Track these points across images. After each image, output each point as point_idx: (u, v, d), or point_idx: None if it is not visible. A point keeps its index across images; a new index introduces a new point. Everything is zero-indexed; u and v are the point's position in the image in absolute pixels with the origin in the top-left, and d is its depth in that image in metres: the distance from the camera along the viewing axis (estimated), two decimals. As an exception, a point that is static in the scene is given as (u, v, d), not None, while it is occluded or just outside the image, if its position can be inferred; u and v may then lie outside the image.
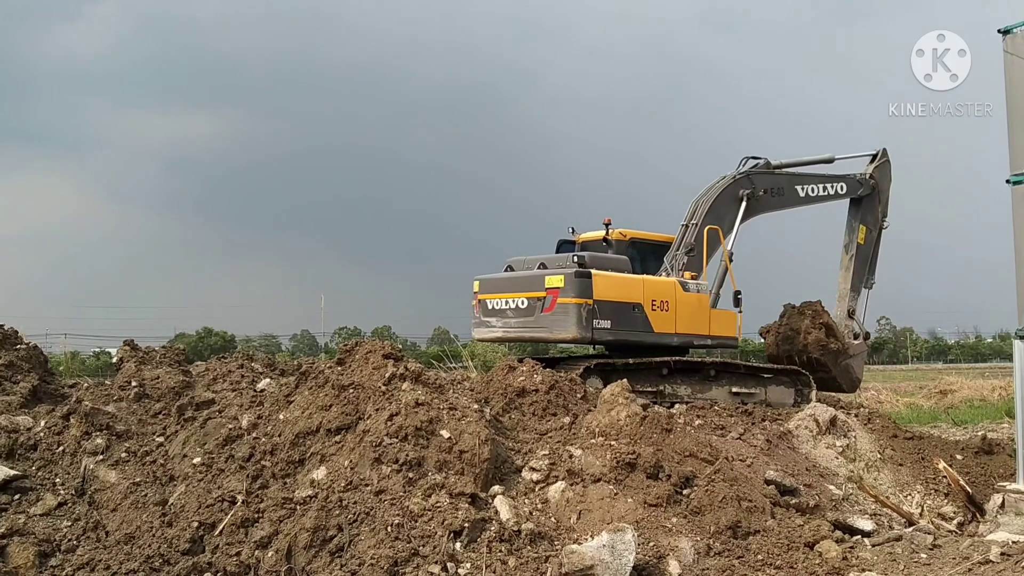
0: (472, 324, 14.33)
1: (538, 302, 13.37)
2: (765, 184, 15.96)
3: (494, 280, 14.18)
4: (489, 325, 14.03)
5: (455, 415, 7.99)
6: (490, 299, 13.99)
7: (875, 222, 17.16)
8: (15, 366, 10.58)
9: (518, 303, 13.60)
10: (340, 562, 6.68)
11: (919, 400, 27.37)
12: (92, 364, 41.85)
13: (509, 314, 13.75)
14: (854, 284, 17.06)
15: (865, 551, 7.88)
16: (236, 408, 8.99)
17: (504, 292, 13.86)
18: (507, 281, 14.01)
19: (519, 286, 13.74)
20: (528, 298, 13.46)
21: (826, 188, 16.66)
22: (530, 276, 13.72)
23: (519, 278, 13.92)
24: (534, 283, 13.51)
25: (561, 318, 13.18)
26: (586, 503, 7.65)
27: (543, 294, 13.30)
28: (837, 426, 12.59)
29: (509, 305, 13.73)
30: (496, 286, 14.04)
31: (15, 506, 7.92)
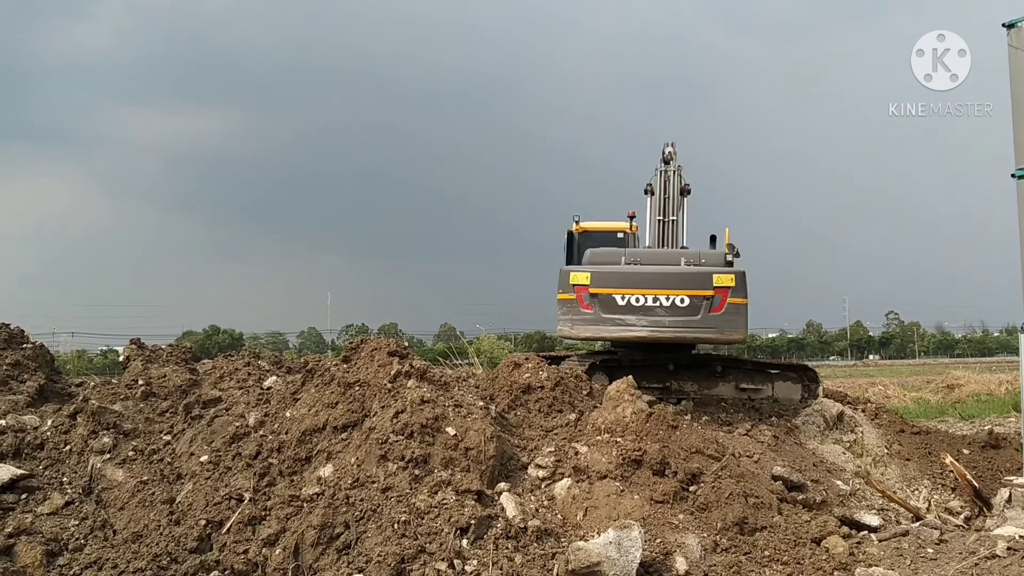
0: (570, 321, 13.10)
1: (705, 301, 12.79)
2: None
3: (624, 274, 13.25)
4: (623, 323, 12.98)
5: (461, 412, 7.99)
6: (621, 294, 12.98)
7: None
8: (21, 365, 10.61)
9: (675, 301, 12.87)
10: (347, 559, 6.69)
11: (926, 395, 27.29)
12: (99, 363, 42.00)
13: (660, 312, 12.91)
14: None
15: (872, 546, 7.86)
16: (243, 406, 9.00)
17: (649, 288, 13.00)
18: (649, 277, 13.16)
19: (677, 283, 12.98)
20: (691, 296, 12.79)
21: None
22: (695, 273, 13.09)
23: (677, 274, 13.14)
24: (699, 280, 12.90)
25: (732, 319, 12.76)
26: (592, 500, 7.65)
27: (711, 293, 12.75)
28: (844, 421, 12.60)
29: (661, 303, 12.92)
30: (631, 281, 13.11)
31: (22, 505, 7.94)
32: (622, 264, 13.38)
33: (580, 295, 13.06)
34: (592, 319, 12.96)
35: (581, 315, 12.97)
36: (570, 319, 12.89)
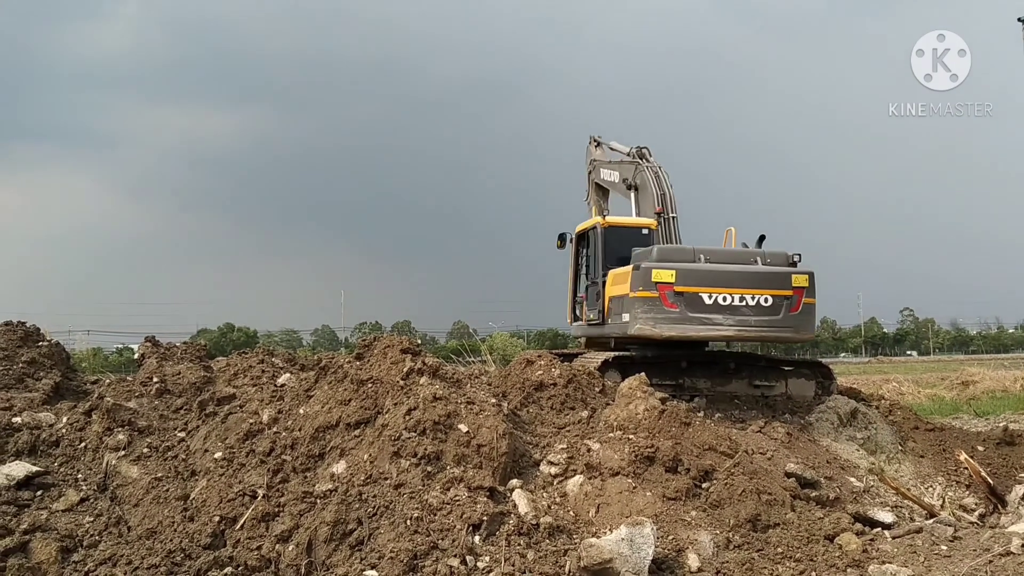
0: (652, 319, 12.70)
1: (785, 301, 12.76)
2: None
3: (710, 273, 12.96)
4: (711, 323, 12.73)
5: (473, 409, 8.00)
6: (708, 293, 12.71)
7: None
8: (38, 363, 10.70)
9: (760, 300, 12.72)
10: (360, 555, 6.71)
11: (941, 391, 27.17)
12: (115, 360, 42.21)
13: (746, 311, 12.71)
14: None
15: (885, 543, 7.83)
16: (257, 403, 9.04)
17: (735, 287, 12.79)
18: (735, 275, 12.95)
19: (760, 282, 12.87)
20: (773, 296, 12.71)
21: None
22: (777, 272, 13.02)
23: (756, 274, 13.02)
24: (781, 280, 12.86)
25: (806, 319, 12.84)
26: (604, 497, 7.65)
27: (790, 292, 12.75)
28: (858, 418, 12.54)
29: (747, 302, 12.70)
30: (715, 279, 12.85)
31: (38, 502, 8.01)
32: (702, 262, 13.06)
33: (664, 293, 12.69)
34: (677, 317, 12.65)
35: (665, 313, 12.62)
36: (652, 317, 12.54)
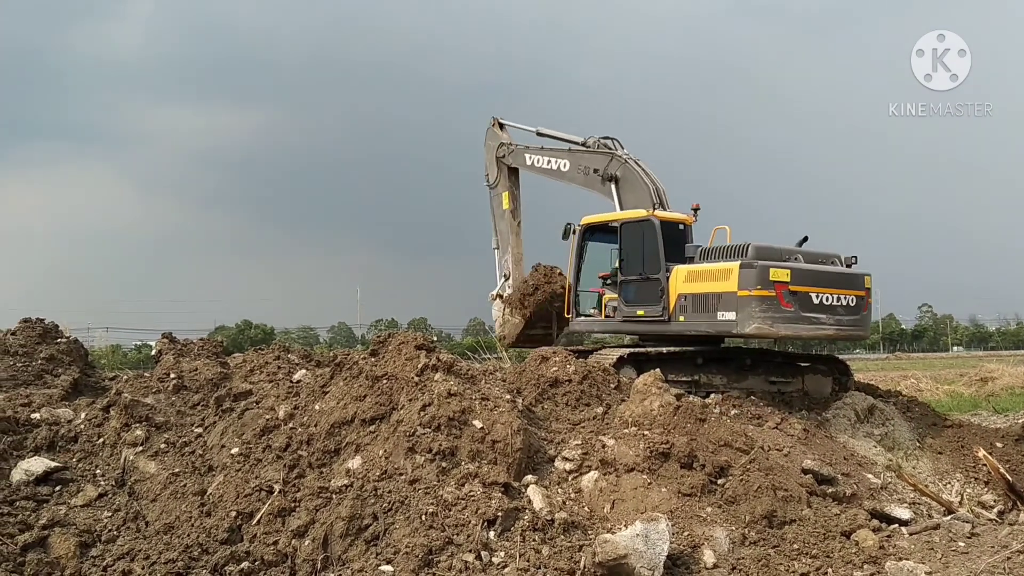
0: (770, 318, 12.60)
1: (862, 301, 13.27)
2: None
3: (817, 273, 13.17)
4: (818, 322, 12.94)
5: (487, 405, 8.01)
6: (816, 293, 12.91)
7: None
8: (56, 359, 10.80)
9: (848, 301, 13.15)
10: (375, 550, 6.73)
11: (959, 388, 26.99)
12: (134, 357, 42.45)
13: (840, 311, 13.08)
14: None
15: (902, 540, 7.79)
16: (273, 399, 9.07)
17: (833, 288, 13.09)
18: (834, 276, 13.30)
19: (848, 283, 13.27)
20: (856, 296, 13.17)
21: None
22: (858, 274, 13.44)
23: (847, 275, 13.42)
24: (860, 282, 13.32)
25: (870, 319, 13.44)
26: (619, 493, 7.65)
27: (863, 293, 13.27)
28: (875, 415, 12.47)
29: (841, 302, 13.08)
30: (821, 279, 13.08)
31: (56, 497, 8.08)
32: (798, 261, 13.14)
33: (780, 292, 12.68)
34: (792, 317, 12.69)
35: (782, 313, 12.61)
36: (770, 316, 12.49)
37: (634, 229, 14.67)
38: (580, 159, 16.74)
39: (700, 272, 13.35)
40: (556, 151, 17.21)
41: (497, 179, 18.46)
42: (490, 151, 18.64)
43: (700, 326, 13.28)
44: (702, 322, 13.20)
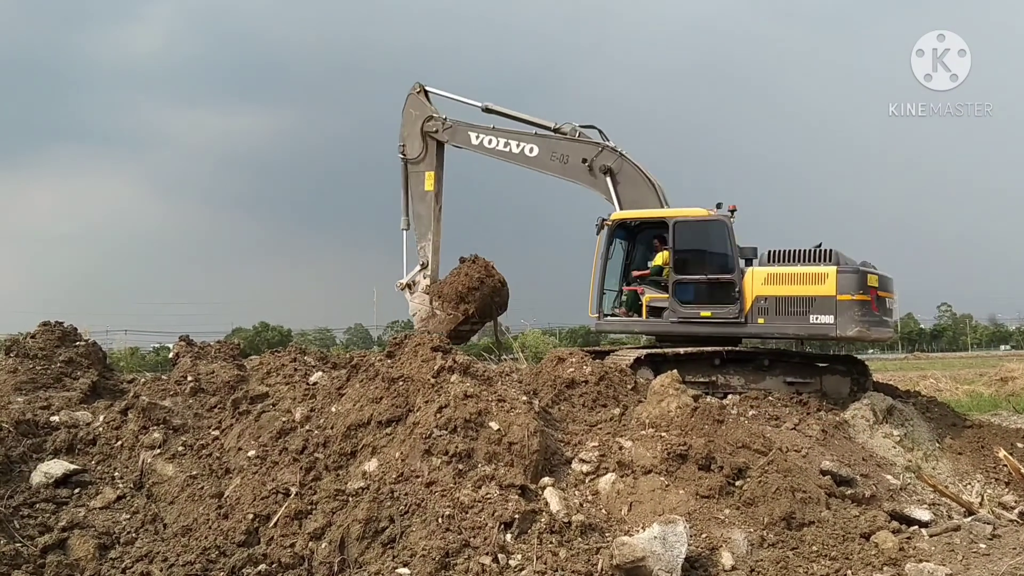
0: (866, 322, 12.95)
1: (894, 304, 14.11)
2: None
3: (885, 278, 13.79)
4: (888, 325, 13.86)
5: (504, 407, 7.99)
6: (887, 298, 13.73)
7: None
8: (75, 362, 10.86)
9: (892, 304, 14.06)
10: (392, 553, 6.72)
11: (979, 388, 26.79)
12: (152, 360, 42.69)
13: (892, 314, 14.00)
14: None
15: (922, 541, 7.72)
16: (289, 401, 9.09)
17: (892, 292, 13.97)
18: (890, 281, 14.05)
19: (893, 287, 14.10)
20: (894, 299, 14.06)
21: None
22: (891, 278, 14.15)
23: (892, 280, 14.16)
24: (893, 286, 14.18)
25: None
26: (637, 495, 7.62)
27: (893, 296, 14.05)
28: (894, 415, 12.39)
29: (893, 305, 14.03)
30: (888, 284, 13.86)
31: (75, 500, 8.12)
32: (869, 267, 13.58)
33: (872, 297, 13.06)
34: (878, 321, 13.14)
35: (873, 317, 13.02)
36: (867, 320, 12.86)
37: (696, 228, 14.30)
38: (556, 146, 15.82)
39: (786, 275, 13.33)
40: (519, 133, 16.15)
41: (421, 155, 16.69)
42: (412, 121, 16.79)
43: (787, 329, 13.42)
44: (790, 325, 13.31)
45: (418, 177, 16.59)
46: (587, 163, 15.32)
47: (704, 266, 13.99)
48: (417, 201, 16.62)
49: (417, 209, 16.62)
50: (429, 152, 16.65)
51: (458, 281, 15.76)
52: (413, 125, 16.67)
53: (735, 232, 13.80)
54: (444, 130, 16.52)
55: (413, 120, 16.70)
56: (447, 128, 16.52)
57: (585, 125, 15.98)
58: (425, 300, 16.18)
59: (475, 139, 16.30)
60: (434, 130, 16.57)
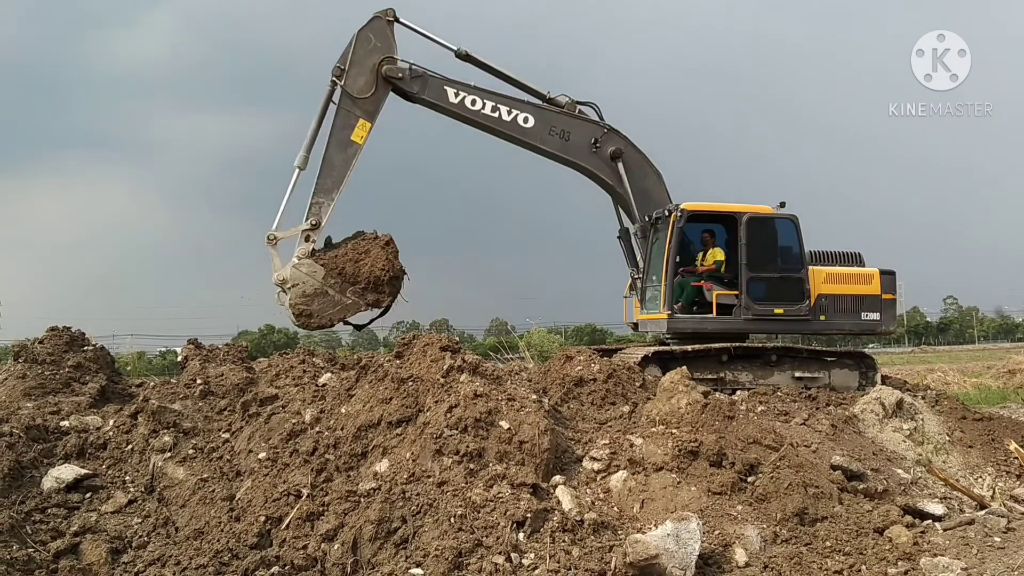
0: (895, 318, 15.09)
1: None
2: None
3: None
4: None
5: (514, 406, 7.98)
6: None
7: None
8: (83, 367, 10.86)
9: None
10: (405, 553, 6.71)
11: (987, 380, 26.72)
12: (159, 364, 42.70)
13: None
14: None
15: (936, 535, 7.70)
16: (299, 403, 9.09)
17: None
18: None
19: None
20: None
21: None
22: None
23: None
24: None
25: None
26: (649, 492, 7.61)
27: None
28: (904, 409, 12.34)
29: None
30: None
31: (87, 504, 8.13)
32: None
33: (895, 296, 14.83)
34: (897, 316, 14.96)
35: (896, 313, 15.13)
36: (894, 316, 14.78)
37: (768, 224, 14.23)
38: (555, 119, 14.15)
39: (841, 274, 14.31)
40: (511, 99, 14.03)
41: (367, 95, 13.33)
42: (367, 53, 13.37)
43: (843, 325, 14.42)
44: (846, 322, 14.31)
45: (348, 119, 13.23)
46: (595, 144, 14.17)
47: (777, 263, 14.12)
48: (335, 147, 13.21)
49: (331, 155, 13.19)
50: (377, 97, 13.43)
51: (373, 264, 12.93)
52: (367, 57, 13.35)
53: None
54: (412, 79, 13.53)
55: (368, 51, 13.36)
56: (415, 77, 13.57)
57: (581, 101, 14.48)
58: (316, 272, 12.84)
59: (454, 96, 13.69)
60: (397, 76, 13.42)
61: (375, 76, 13.32)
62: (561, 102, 14.24)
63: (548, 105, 14.20)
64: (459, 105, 13.66)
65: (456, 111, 13.71)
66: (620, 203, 14.98)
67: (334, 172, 13.16)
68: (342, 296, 12.89)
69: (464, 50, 13.89)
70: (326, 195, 13.13)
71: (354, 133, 13.20)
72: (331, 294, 12.85)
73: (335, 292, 12.85)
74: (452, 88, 13.65)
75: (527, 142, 13.99)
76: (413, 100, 13.78)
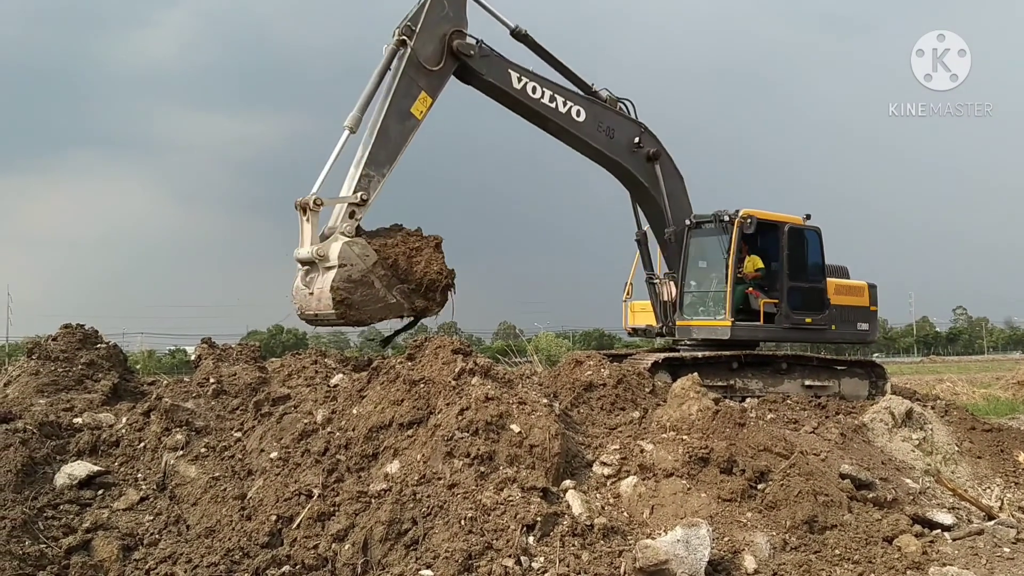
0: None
1: None
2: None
3: None
4: None
5: (525, 409, 8.00)
6: None
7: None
8: (96, 365, 10.92)
9: None
10: (415, 555, 6.74)
11: (996, 391, 26.67)
12: (168, 362, 42.87)
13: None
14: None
15: (945, 545, 7.71)
16: (311, 403, 9.12)
17: None
18: None
19: None
20: None
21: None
22: None
23: None
24: None
25: None
26: (659, 498, 7.62)
27: None
28: (913, 419, 12.34)
29: None
30: None
31: (99, 501, 8.18)
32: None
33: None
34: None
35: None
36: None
37: (802, 235, 14.47)
38: (602, 115, 13.37)
39: (845, 286, 14.92)
40: (564, 90, 13.17)
41: (432, 70, 12.00)
42: (437, 20, 12.05)
43: (845, 335, 14.91)
44: (847, 331, 14.82)
45: (410, 88, 11.88)
46: (638, 145, 13.59)
47: (808, 273, 14.44)
48: (393, 115, 11.77)
49: (387, 124, 11.76)
50: (444, 72, 12.17)
51: (428, 265, 11.44)
52: (437, 25, 12.05)
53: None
54: (480, 57, 12.36)
55: (440, 19, 12.07)
56: (483, 56, 12.41)
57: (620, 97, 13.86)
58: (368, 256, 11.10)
59: (517, 82, 12.64)
60: (468, 52, 12.21)
61: (444, 47, 12.06)
62: (603, 96, 13.62)
63: (594, 99, 13.54)
64: (521, 91, 12.70)
65: (518, 97, 12.73)
66: (646, 206, 14.52)
67: (389, 144, 11.71)
68: (388, 292, 11.14)
69: (523, 29, 12.95)
70: (377, 168, 11.59)
71: (414, 105, 11.88)
72: (376, 287, 11.06)
73: (381, 286, 11.07)
74: (515, 72, 12.70)
75: (577, 136, 13.21)
76: (469, 81, 12.64)
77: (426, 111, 11.93)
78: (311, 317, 11.37)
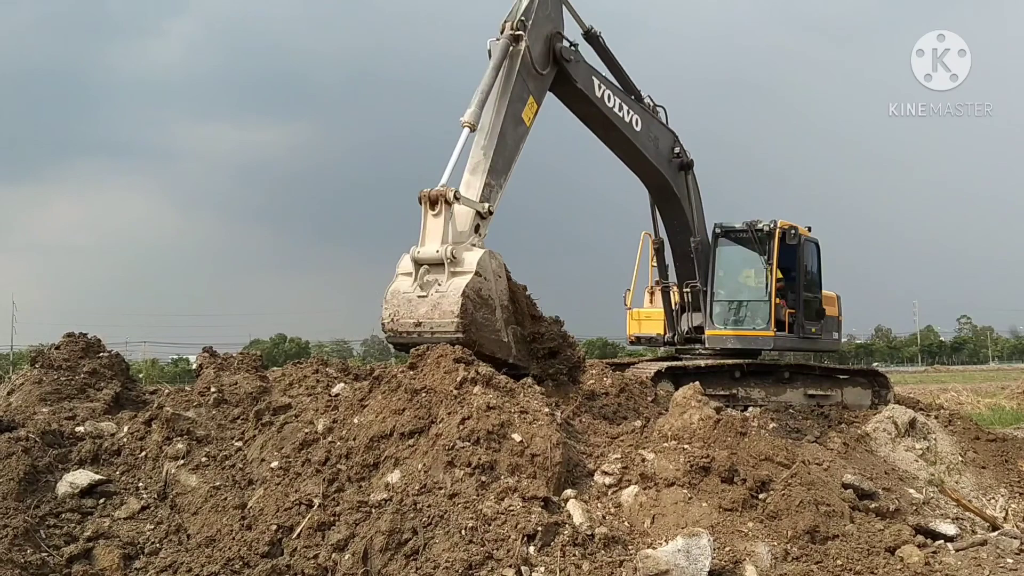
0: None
1: None
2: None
3: None
4: None
5: (526, 418, 7.99)
6: None
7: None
8: (98, 373, 10.95)
9: None
10: (415, 565, 6.71)
11: (1001, 401, 26.62)
12: (171, 371, 42.95)
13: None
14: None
15: (948, 556, 7.68)
16: (312, 412, 9.10)
17: None
18: None
19: None
20: None
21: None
22: None
23: None
24: None
25: None
26: (660, 507, 7.60)
27: None
28: (917, 428, 12.32)
29: None
30: None
31: (100, 510, 8.17)
32: None
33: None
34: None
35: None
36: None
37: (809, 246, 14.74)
38: (650, 123, 12.82)
39: (828, 297, 15.08)
40: (626, 97, 12.49)
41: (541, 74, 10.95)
42: (542, 20, 10.93)
43: (828, 343, 15.29)
44: (829, 340, 15.19)
45: (522, 91, 10.68)
46: (676, 154, 13.23)
47: (815, 285, 14.73)
48: (510, 119, 10.53)
49: (506, 129, 10.47)
50: (549, 77, 11.16)
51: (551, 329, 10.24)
52: (541, 26, 10.94)
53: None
54: (575, 61, 11.54)
55: (544, 19, 11.00)
56: (577, 63, 11.59)
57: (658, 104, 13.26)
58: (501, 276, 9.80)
59: (598, 90, 11.88)
60: (568, 57, 11.30)
61: (548, 50, 11.09)
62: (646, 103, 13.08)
63: (646, 107, 13.01)
64: (600, 100, 11.90)
65: (598, 106, 11.93)
66: (671, 215, 14.02)
67: (506, 151, 10.51)
68: (504, 328, 9.73)
69: (597, 31, 12.31)
70: (496, 178, 10.34)
71: (524, 110, 10.74)
72: (497, 315, 9.67)
73: (500, 316, 9.70)
74: (596, 80, 11.95)
75: (634, 145, 12.56)
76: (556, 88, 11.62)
77: (533, 118, 10.90)
78: (408, 327, 9.63)
